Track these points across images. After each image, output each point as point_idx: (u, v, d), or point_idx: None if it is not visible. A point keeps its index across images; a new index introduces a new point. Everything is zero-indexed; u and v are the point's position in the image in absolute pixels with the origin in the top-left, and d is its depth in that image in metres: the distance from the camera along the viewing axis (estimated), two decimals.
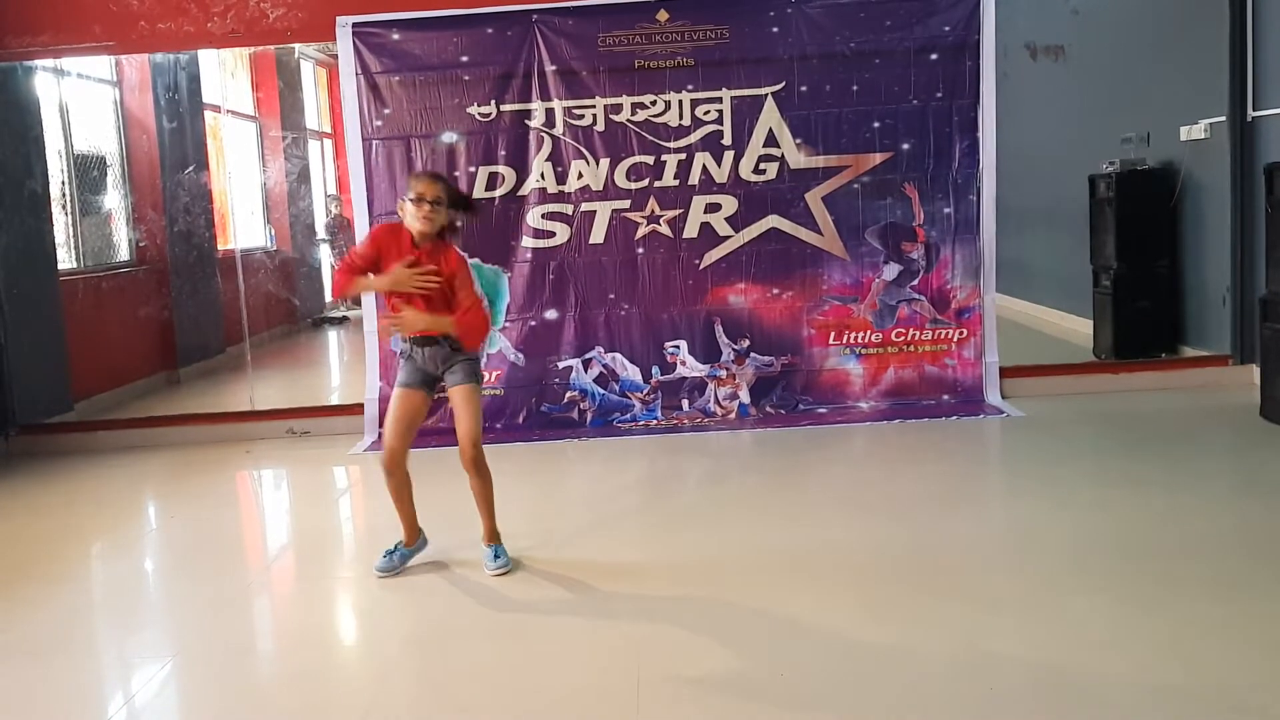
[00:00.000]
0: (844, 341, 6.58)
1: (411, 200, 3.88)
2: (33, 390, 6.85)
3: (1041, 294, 9.35)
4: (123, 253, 8.71)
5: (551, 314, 6.57)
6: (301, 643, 3.60)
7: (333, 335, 11.26)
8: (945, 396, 6.55)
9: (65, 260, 7.79)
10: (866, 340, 6.57)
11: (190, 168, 9.08)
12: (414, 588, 3.93)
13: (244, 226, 9.92)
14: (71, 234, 8.01)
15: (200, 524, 5.08)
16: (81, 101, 8.22)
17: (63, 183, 7.88)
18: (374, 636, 3.67)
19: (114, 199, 8.64)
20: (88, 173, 8.29)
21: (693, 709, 2.90)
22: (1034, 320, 9.22)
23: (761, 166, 6.44)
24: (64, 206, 7.90)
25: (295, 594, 4.21)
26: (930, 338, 6.57)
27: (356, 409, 6.65)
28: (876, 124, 6.41)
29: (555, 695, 3.04)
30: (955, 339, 6.57)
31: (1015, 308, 9.16)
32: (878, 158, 6.44)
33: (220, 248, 9.51)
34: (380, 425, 6.50)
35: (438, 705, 3.06)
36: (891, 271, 6.52)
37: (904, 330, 6.56)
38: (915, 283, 6.54)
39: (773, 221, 6.49)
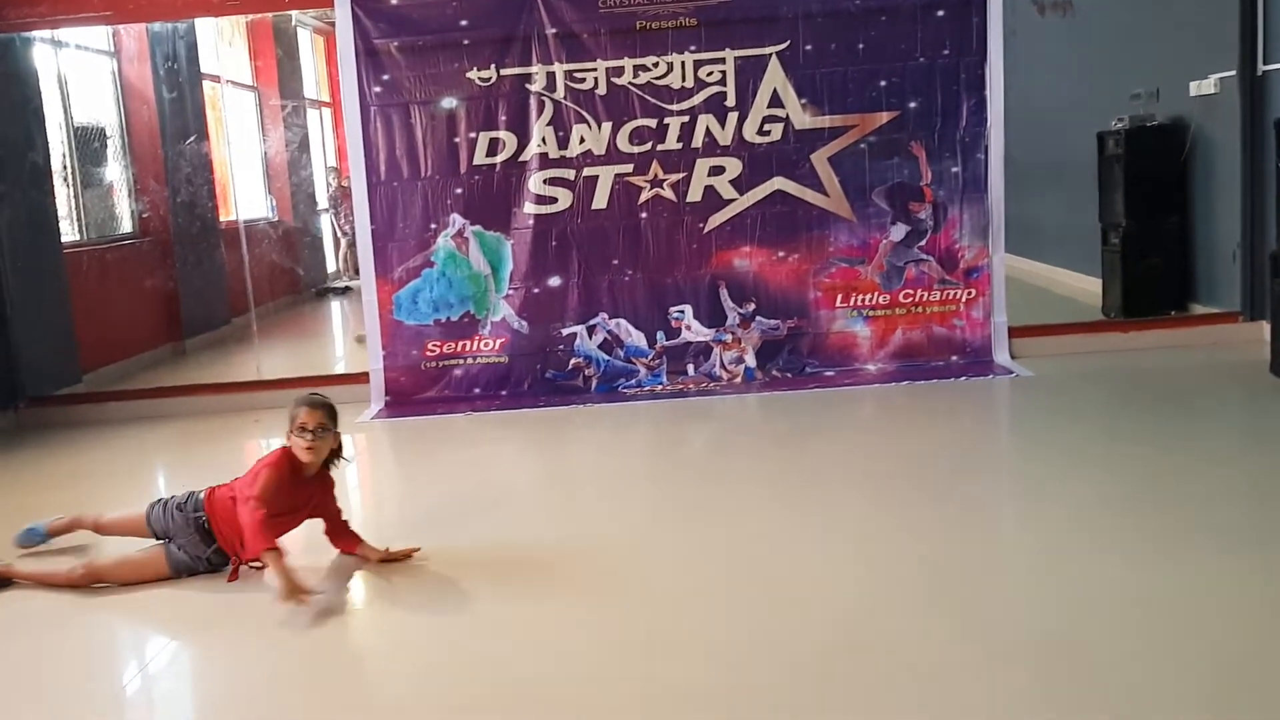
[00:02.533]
0: (851, 304, 6.53)
1: (296, 431, 3.73)
2: (41, 362, 6.85)
3: (1050, 253, 9.28)
4: (126, 225, 8.69)
5: (555, 280, 6.53)
6: (311, 612, 3.60)
7: (336, 305, 11.23)
8: (954, 357, 6.51)
9: (69, 233, 7.78)
10: (874, 302, 6.52)
11: (191, 138, 9.04)
12: (422, 560, 3.92)
13: (245, 197, 9.88)
14: (74, 206, 7.98)
15: None
16: (80, 73, 8.17)
17: (64, 155, 7.85)
18: (381, 607, 3.67)
19: (115, 170, 8.61)
20: (88, 144, 8.25)
21: (703, 676, 2.90)
22: (1042, 279, 9.16)
23: (766, 128, 6.37)
24: (66, 179, 7.87)
25: (303, 564, 4.20)
26: (938, 298, 6.52)
27: (362, 378, 6.64)
28: (883, 82, 6.32)
29: (564, 669, 3.04)
30: (964, 299, 6.52)
31: (1023, 267, 9.09)
32: (884, 117, 6.37)
33: (222, 218, 9.48)
34: (386, 394, 6.52)
35: (444, 680, 3.06)
36: (899, 232, 6.47)
37: (912, 291, 6.51)
38: (923, 243, 6.48)
39: (778, 183, 6.43)
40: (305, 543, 3.95)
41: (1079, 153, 8.13)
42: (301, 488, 3.78)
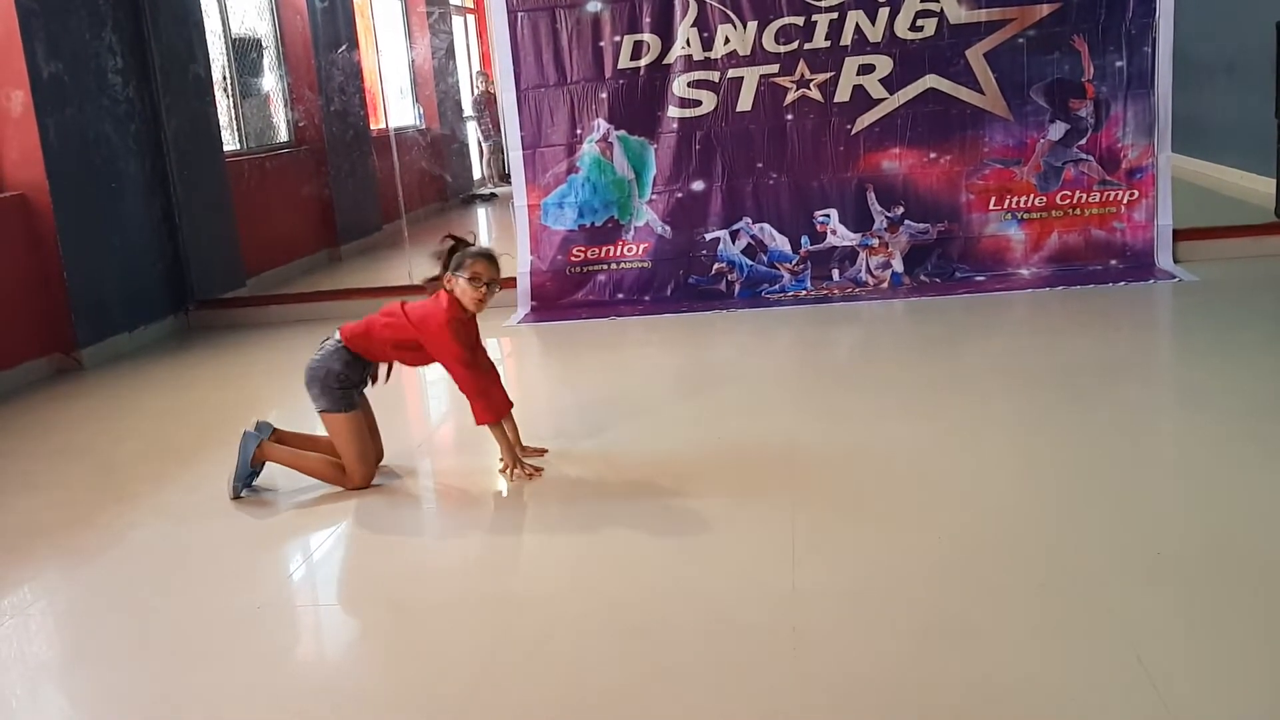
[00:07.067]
0: (1005, 206, 6.32)
1: (468, 279, 3.79)
2: (208, 267, 7.20)
3: (1219, 151, 8.77)
4: (282, 134, 8.97)
5: (698, 185, 6.50)
6: (464, 501, 3.76)
7: (482, 211, 11.42)
8: (1113, 261, 6.26)
9: (230, 142, 8.07)
10: (1029, 204, 6.29)
11: (342, 47, 9.22)
12: (569, 460, 4.03)
13: (393, 105, 10.06)
14: (234, 116, 8.27)
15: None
16: None
17: (223, 66, 8.10)
18: (530, 503, 3.80)
19: (271, 81, 8.86)
20: (246, 55, 8.50)
21: (844, 582, 2.92)
22: (1209, 180, 8.68)
23: (919, 23, 6.13)
24: (225, 89, 8.14)
25: (454, 464, 4.37)
26: (1098, 200, 6.25)
27: (509, 283, 6.73)
28: None
29: (710, 560, 3.10)
30: (1125, 201, 6.24)
31: (1189, 166, 8.63)
32: (1044, 9, 6.06)
33: (372, 126, 9.68)
34: (532, 299, 6.64)
35: (588, 583, 3.16)
36: (1058, 131, 6.20)
37: (1070, 193, 6.26)
38: (1083, 142, 6.20)
39: (930, 81, 6.21)
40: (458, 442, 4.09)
41: (1255, 44, 7.61)
42: (472, 327, 3.93)
